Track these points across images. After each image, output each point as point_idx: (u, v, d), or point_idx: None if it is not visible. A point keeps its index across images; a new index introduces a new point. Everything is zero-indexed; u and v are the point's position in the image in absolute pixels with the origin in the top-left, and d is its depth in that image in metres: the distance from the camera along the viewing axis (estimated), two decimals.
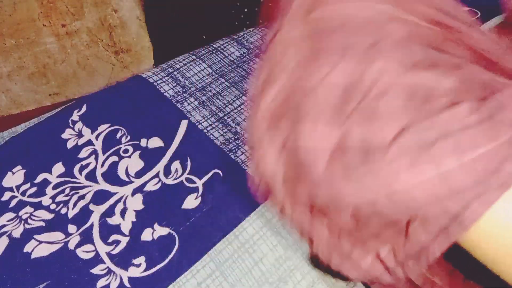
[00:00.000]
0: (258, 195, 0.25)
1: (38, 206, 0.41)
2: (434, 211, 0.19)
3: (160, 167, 0.44)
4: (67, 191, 0.42)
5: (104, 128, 0.48)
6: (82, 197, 0.41)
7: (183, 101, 0.51)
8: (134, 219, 0.40)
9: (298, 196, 0.23)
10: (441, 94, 0.19)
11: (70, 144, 0.46)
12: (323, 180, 0.21)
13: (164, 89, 0.52)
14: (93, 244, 0.38)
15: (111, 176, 0.43)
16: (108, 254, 0.38)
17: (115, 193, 0.42)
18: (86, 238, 0.39)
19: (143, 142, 0.46)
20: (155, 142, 0.46)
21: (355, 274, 0.25)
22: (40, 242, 0.38)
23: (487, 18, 0.61)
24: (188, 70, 0.55)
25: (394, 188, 0.19)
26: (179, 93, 0.52)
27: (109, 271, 0.37)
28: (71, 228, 0.39)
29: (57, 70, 0.96)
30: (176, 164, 0.44)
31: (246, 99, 0.51)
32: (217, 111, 0.50)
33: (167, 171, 0.44)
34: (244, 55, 0.57)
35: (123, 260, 0.37)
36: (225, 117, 0.49)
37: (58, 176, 0.43)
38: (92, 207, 0.40)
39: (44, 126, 0.48)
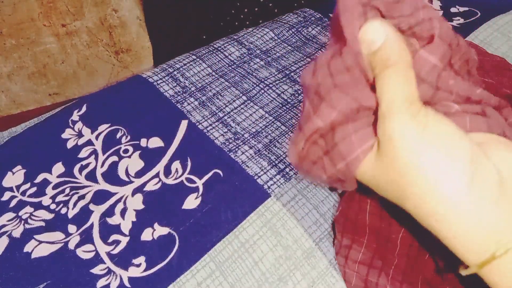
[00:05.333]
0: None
1: (38, 206, 0.41)
2: None
3: (160, 167, 0.44)
4: (67, 191, 0.42)
5: (104, 128, 0.48)
6: (82, 197, 0.41)
7: (183, 101, 0.51)
8: (134, 219, 0.40)
9: None
10: None
11: (70, 144, 0.46)
12: None
13: (164, 89, 0.52)
14: (93, 244, 0.38)
15: (111, 176, 0.43)
16: (108, 254, 0.38)
17: (115, 193, 0.42)
18: (86, 238, 0.39)
19: (143, 142, 0.46)
20: (155, 142, 0.46)
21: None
22: (40, 242, 0.38)
23: (487, 18, 0.61)
24: (188, 70, 0.55)
25: None
26: (179, 93, 0.52)
27: (109, 271, 0.37)
28: (71, 228, 0.39)
29: (57, 70, 0.96)
30: (176, 164, 0.44)
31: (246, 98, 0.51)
32: (217, 111, 0.50)
33: (167, 171, 0.44)
34: (244, 55, 0.57)
35: (123, 260, 0.37)
36: (225, 117, 0.49)
37: (58, 176, 0.43)
38: (92, 207, 0.40)
39: (44, 126, 0.48)
